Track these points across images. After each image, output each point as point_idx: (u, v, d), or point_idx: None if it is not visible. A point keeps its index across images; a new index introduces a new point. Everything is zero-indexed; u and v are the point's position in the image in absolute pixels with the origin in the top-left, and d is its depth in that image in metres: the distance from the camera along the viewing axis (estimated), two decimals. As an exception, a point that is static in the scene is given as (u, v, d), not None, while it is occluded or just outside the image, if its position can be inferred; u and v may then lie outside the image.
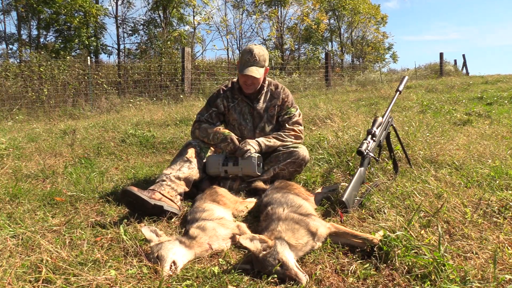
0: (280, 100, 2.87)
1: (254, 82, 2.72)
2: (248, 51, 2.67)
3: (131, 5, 20.57)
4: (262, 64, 2.68)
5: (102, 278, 1.44)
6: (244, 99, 2.84)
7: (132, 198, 2.16)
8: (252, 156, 2.57)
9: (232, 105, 2.85)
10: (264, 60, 2.69)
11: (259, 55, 2.65)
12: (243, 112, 2.85)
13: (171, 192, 2.35)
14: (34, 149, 4.26)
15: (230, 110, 2.85)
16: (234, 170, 2.60)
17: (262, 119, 2.85)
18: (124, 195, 2.19)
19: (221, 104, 2.84)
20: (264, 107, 2.85)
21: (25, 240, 1.83)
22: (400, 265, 1.47)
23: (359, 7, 24.08)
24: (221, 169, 2.61)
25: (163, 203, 2.20)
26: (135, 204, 2.17)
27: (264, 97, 2.87)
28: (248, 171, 2.58)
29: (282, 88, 2.91)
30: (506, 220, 1.80)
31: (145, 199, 2.14)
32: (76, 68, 10.27)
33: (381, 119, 2.56)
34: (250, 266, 1.55)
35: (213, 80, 11.51)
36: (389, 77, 16.01)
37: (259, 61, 2.65)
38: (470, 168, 2.62)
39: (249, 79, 2.69)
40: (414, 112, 5.78)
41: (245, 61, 2.65)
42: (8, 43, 17.92)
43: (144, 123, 5.90)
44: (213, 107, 2.84)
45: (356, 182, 2.23)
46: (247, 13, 22.10)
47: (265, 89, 2.86)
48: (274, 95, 2.88)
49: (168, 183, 2.39)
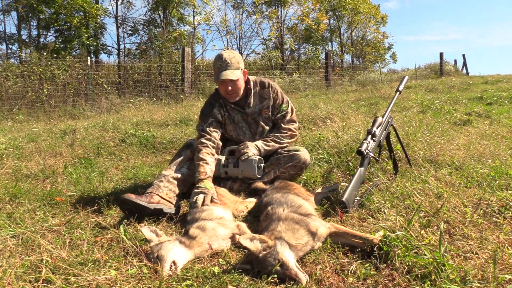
0: (271, 100, 2.77)
1: (233, 88, 2.59)
2: (218, 58, 2.56)
3: (131, 5, 20.60)
4: (236, 66, 2.56)
5: (102, 278, 1.44)
6: (235, 107, 2.73)
7: (131, 206, 2.16)
8: (252, 159, 2.56)
9: (227, 115, 2.74)
10: (237, 62, 2.57)
11: (230, 58, 2.54)
12: (237, 120, 2.76)
13: (169, 193, 2.35)
14: (34, 149, 4.26)
15: (226, 120, 2.74)
16: (234, 172, 2.60)
17: (258, 124, 2.77)
18: (122, 203, 2.18)
19: (219, 114, 2.71)
20: (256, 110, 2.75)
21: (25, 240, 1.83)
22: (400, 265, 1.47)
23: (359, 7, 24.08)
24: (222, 170, 2.61)
25: (162, 206, 2.21)
26: (134, 210, 2.17)
27: (253, 100, 2.75)
28: (247, 173, 2.58)
29: (269, 86, 2.77)
30: (506, 220, 1.80)
31: (144, 205, 2.15)
32: (77, 68, 10.27)
33: (381, 119, 2.56)
34: (250, 266, 1.55)
35: (213, 80, 11.49)
36: (389, 77, 16.02)
37: (232, 64, 2.54)
38: (470, 168, 2.62)
39: (227, 85, 2.56)
40: (414, 112, 5.78)
41: (218, 68, 2.55)
42: (8, 43, 17.94)
43: (144, 123, 5.90)
44: (211, 117, 2.68)
45: (356, 182, 2.23)
46: (247, 13, 22.12)
47: (252, 91, 2.73)
48: (264, 95, 2.76)
49: (166, 185, 2.38)
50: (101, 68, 11.89)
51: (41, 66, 9.65)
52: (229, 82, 2.56)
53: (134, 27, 19.97)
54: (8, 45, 17.94)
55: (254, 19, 21.92)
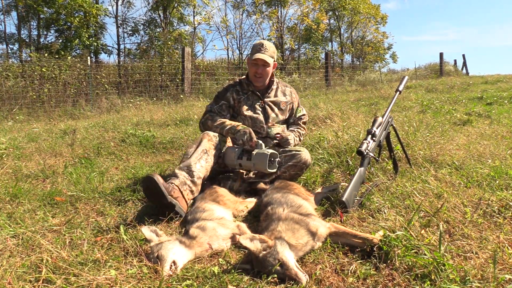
0: (291, 98, 3.02)
1: (263, 72, 2.80)
2: (258, 43, 2.82)
3: (131, 5, 20.61)
4: (272, 54, 2.79)
5: (102, 278, 1.44)
6: (255, 92, 2.90)
7: (152, 186, 2.15)
8: (265, 153, 2.55)
9: (243, 97, 2.89)
10: (273, 52, 2.81)
11: (269, 47, 2.79)
12: (253, 105, 2.89)
13: (189, 195, 2.35)
14: (34, 149, 4.25)
15: (241, 102, 2.88)
16: (247, 164, 2.59)
17: (273, 111, 2.92)
18: (146, 180, 2.18)
19: (231, 97, 2.88)
20: (275, 100, 2.94)
21: (25, 240, 1.83)
22: (400, 265, 1.47)
23: (359, 7, 24.07)
24: (236, 162, 2.62)
25: (176, 203, 2.20)
26: (153, 192, 2.16)
27: (274, 93, 2.96)
28: (259, 167, 2.56)
29: (291, 89, 3.07)
30: (506, 220, 1.80)
31: (164, 194, 2.14)
32: (77, 68, 10.27)
33: (381, 119, 2.56)
34: (250, 266, 1.55)
35: (213, 80, 11.50)
36: (389, 77, 16.00)
37: (269, 51, 2.78)
38: (470, 168, 2.62)
39: (259, 67, 2.77)
40: (414, 112, 5.78)
41: (256, 50, 2.78)
42: (8, 43, 17.93)
43: (144, 123, 5.90)
44: (223, 100, 2.87)
45: (356, 182, 2.23)
46: (247, 13, 22.11)
47: (274, 86, 2.96)
48: (285, 93, 3.01)
49: (190, 185, 2.36)
50: (101, 68, 11.89)
51: (41, 66, 9.65)
52: (261, 64, 2.78)
53: (134, 27, 19.98)
54: (8, 45, 17.95)
55: (254, 19, 21.92)
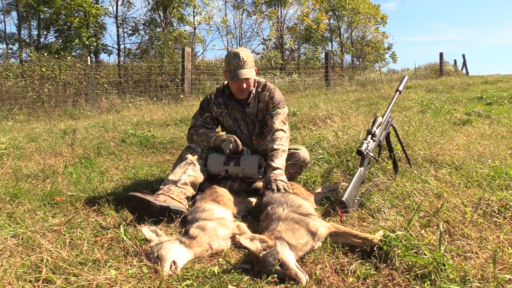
0: (264, 104, 2.74)
1: (248, 86, 2.61)
2: (234, 56, 2.54)
3: (131, 5, 20.61)
4: (251, 64, 2.59)
5: (102, 278, 1.44)
6: (236, 105, 2.74)
7: (136, 202, 2.14)
8: (254, 158, 2.56)
9: (226, 111, 2.77)
10: (252, 61, 2.61)
11: (246, 57, 2.56)
12: (237, 118, 2.78)
13: (180, 195, 2.34)
14: (34, 149, 4.26)
15: (225, 117, 2.78)
16: (235, 170, 2.58)
17: (255, 125, 2.79)
18: (128, 200, 2.17)
19: (212, 110, 2.78)
20: (254, 112, 2.76)
21: (25, 240, 1.83)
22: (400, 265, 1.47)
23: (359, 7, 24.08)
24: (222, 168, 2.59)
25: (168, 204, 2.19)
26: (140, 208, 2.14)
27: (253, 101, 2.74)
28: (249, 172, 2.57)
29: (268, 89, 2.74)
30: (506, 220, 1.80)
31: (151, 201, 2.13)
32: (77, 68, 10.27)
33: (381, 119, 2.56)
34: (250, 266, 1.55)
35: (213, 80, 11.51)
36: (389, 77, 16.01)
37: (248, 62, 2.56)
38: (470, 168, 2.62)
39: (242, 83, 2.57)
40: (414, 112, 5.78)
41: (235, 66, 2.53)
42: (8, 43, 17.94)
43: (144, 123, 5.91)
44: (207, 112, 2.78)
45: (356, 182, 2.23)
46: (247, 13, 22.13)
47: (253, 92, 2.73)
48: (260, 98, 2.74)
49: (178, 189, 2.36)
50: (101, 68, 11.88)
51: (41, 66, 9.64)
52: (245, 80, 2.57)
53: (134, 27, 19.98)
54: (8, 45, 17.96)
55: (254, 19, 21.95)
